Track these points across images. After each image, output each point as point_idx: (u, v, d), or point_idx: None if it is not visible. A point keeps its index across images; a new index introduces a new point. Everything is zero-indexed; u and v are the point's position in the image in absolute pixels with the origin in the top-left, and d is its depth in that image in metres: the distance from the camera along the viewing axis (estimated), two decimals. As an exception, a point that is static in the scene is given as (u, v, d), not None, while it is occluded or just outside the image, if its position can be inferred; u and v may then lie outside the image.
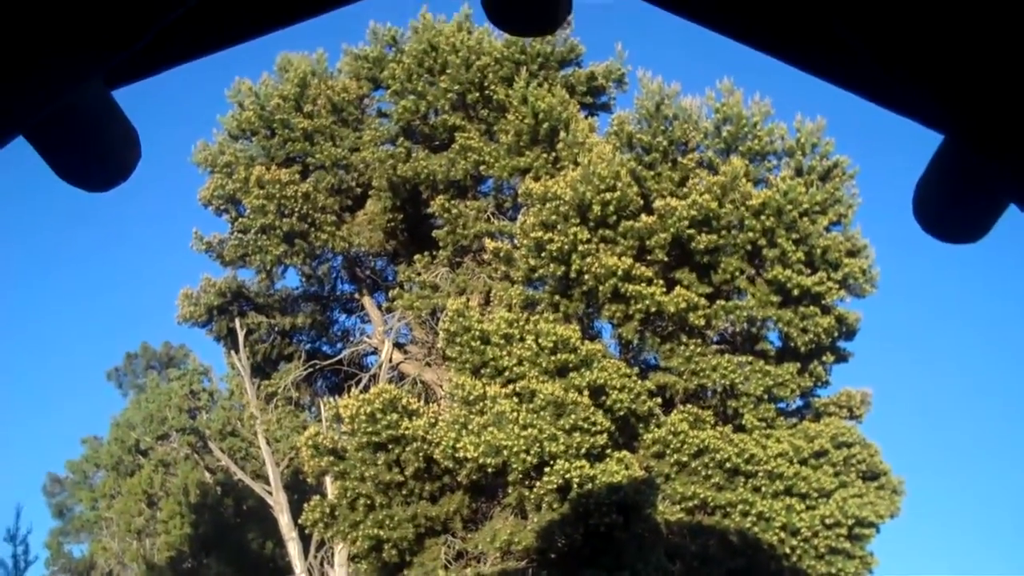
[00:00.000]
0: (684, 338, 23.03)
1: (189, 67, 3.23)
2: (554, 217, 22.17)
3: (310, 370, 28.21)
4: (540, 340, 21.58)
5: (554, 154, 23.83)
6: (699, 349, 23.08)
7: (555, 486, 20.27)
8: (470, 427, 20.54)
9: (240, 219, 26.39)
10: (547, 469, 20.25)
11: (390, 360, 26.74)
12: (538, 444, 20.14)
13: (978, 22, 2.31)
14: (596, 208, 21.99)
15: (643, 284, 22.15)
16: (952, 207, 3.11)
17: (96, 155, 3.02)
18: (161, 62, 3.05)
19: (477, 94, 24.91)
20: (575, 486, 20.29)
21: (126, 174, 3.14)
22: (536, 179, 23.27)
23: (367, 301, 28.36)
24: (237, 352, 27.34)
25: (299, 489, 30.54)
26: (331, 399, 23.14)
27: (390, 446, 20.98)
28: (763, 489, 22.34)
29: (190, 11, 2.52)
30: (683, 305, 22.18)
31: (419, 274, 25.70)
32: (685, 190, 23.06)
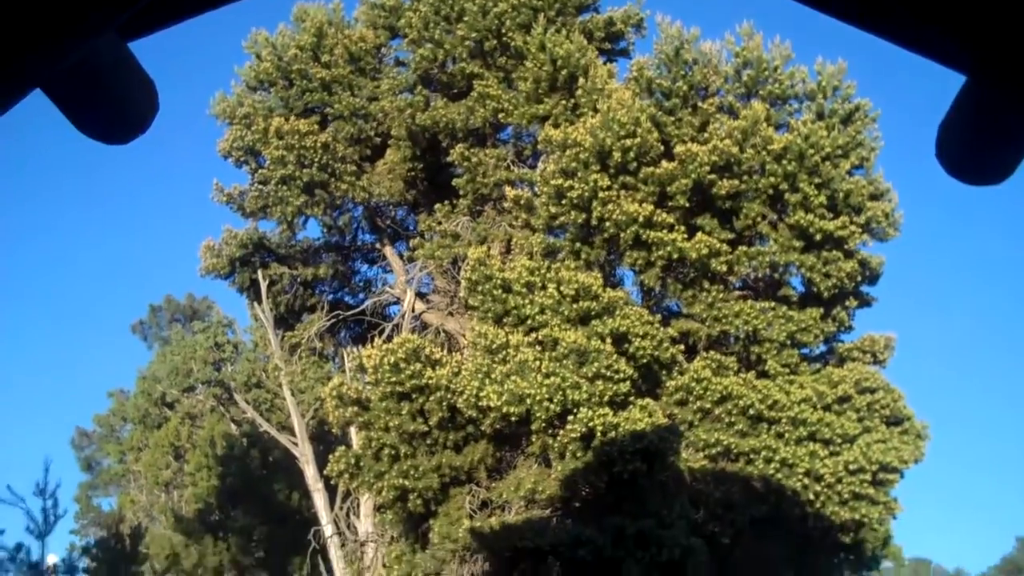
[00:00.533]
0: (706, 284, 23.00)
1: (205, 19, 3.21)
2: (574, 164, 22.10)
3: (333, 321, 28.27)
4: (562, 288, 21.58)
5: (573, 101, 23.71)
6: (721, 295, 23.05)
7: (578, 434, 20.33)
8: (493, 376, 20.59)
9: (260, 170, 26.39)
10: (570, 417, 20.31)
11: (412, 310, 26.79)
12: (561, 392, 20.19)
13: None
14: (616, 155, 21.90)
15: (664, 230, 22.09)
16: (975, 149, 3.09)
17: (114, 108, 3.02)
18: (176, 13, 3.03)
19: (495, 41, 24.77)
20: (598, 434, 20.35)
21: (144, 126, 3.14)
22: (555, 126, 23.17)
23: (388, 251, 28.37)
24: (260, 303, 27.44)
25: (324, 440, 30.77)
26: (354, 349, 23.25)
27: (414, 396, 21.06)
28: (786, 435, 22.39)
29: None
30: (705, 251, 22.14)
31: (440, 223, 25.67)
32: (706, 135, 22.95)
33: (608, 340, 21.09)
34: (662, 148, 22.81)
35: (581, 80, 23.55)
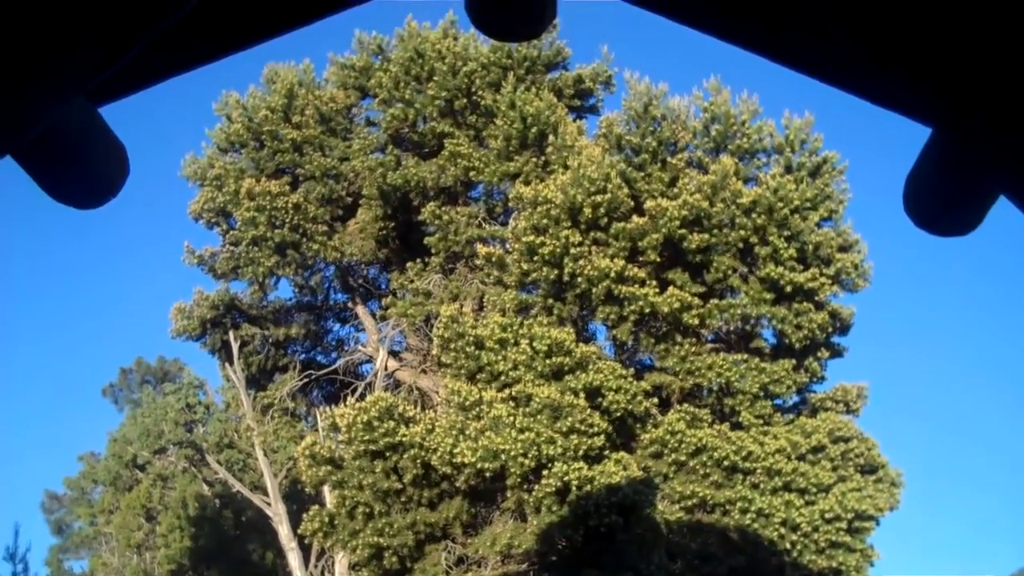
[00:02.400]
0: (679, 338, 23.04)
1: (175, 81, 3.22)
2: (545, 221, 22.18)
3: (305, 380, 28.16)
4: (535, 344, 21.58)
5: (543, 158, 23.85)
6: (694, 348, 23.10)
7: (554, 489, 20.27)
8: (467, 432, 20.54)
9: (231, 232, 26.36)
10: (545, 472, 20.25)
11: (385, 368, 26.71)
12: (535, 447, 20.14)
13: (964, 14, 2.31)
14: (587, 210, 22.00)
15: (636, 285, 22.17)
16: (942, 200, 3.11)
17: (84, 172, 3.02)
18: (146, 77, 3.04)
19: (465, 100, 24.91)
20: (574, 488, 20.29)
21: (115, 190, 3.13)
22: (526, 183, 23.27)
23: (361, 310, 28.33)
24: (232, 364, 27.30)
25: (298, 499, 30.49)
26: (327, 408, 23.13)
27: (387, 453, 20.96)
28: (762, 486, 22.37)
29: (174, 25, 2.51)
30: (677, 305, 22.20)
31: (412, 281, 25.68)
32: (675, 190, 23.08)
33: (582, 395, 21.08)
34: (632, 203, 22.94)
35: (551, 137, 23.70)
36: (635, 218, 22.52)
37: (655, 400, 22.91)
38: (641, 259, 22.55)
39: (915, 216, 3.19)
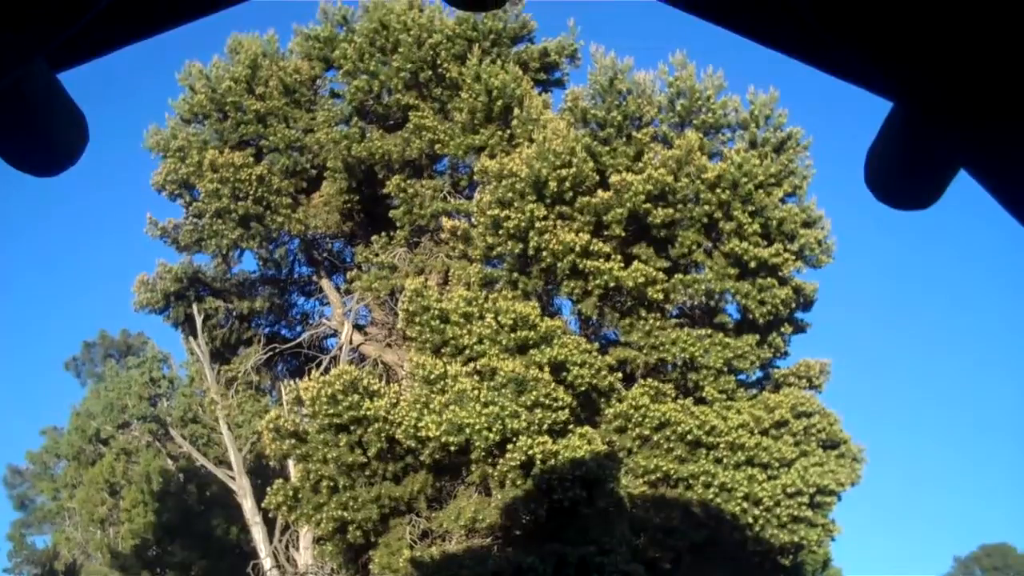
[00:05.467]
0: (643, 312, 23.11)
1: (138, 51, 3.19)
2: (510, 194, 22.16)
3: (270, 354, 28.08)
4: (500, 318, 21.60)
5: (509, 131, 23.80)
6: (658, 323, 23.17)
7: (518, 463, 20.33)
8: (432, 406, 20.55)
9: (194, 203, 26.18)
10: (510, 446, 20.30)
11: (350, 342, 26.67)
12: (500, 421, 20.17)
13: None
14: (552, 184, 21.99)
15: (601, 260, 22.20)
16: (902, 174, 3.13)
17: (42, 138, 2.99)
18: (108, 42, 3.01)
19: (430, 72, 24.81)
20: (538, 462, 20.35)
21: (74, 157, 3.10)
22: (491, 157, 23.24)
23: (325, 283, 28.25)
24: (195, 338, 27.20)
25: (262, 473, 30.46)
26: (291, 382, 23.07)
27: (352, 427, 20.94)
28: (725, 460, 22.51)
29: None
30: (641, 280, 22.26)
31: (377, 255, 25.62)
32: (640, 165, 23.10)
33: (546, 369, 21.12)
34: (597, 178, 22.94)
35: (516, 111, 23.66)
36: (600, 192, 22.53)
37: (619, 375, 23.00)
38: (606, 233, 22.58)
39: (875, 190, 3.20)
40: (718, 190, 22.49)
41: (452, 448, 20.55)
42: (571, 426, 21.29)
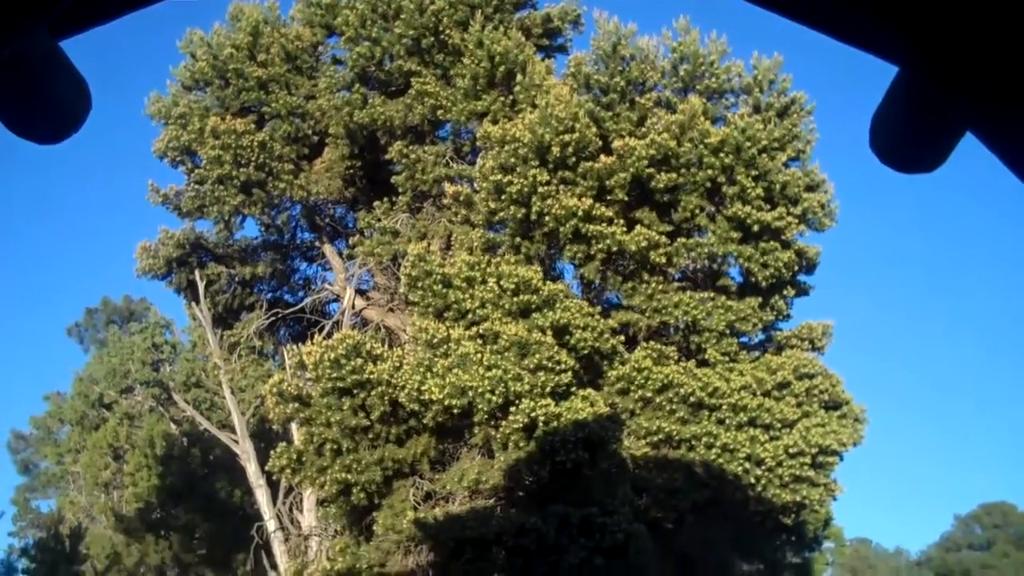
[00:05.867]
0: (646, 276, 23.13)
1: (140, 19, 3.18)
2: (513, 160, 22.13)
3: (272, 319, 28.13)
4: (502, 282, 21.61)
5: (511, 97, 23.74)
6: (661, 287, 23.20)
7: (521, 425, 20.38)
8: (434, 369, 20.59)
9: (196, 170, 26.17)
10: (512, 408, 20.35)
11: (353, 307, 26.71)
12: (503, 384, 20.21)
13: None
14: (555, 150, 21.95)
15: (604, 224, 22.20)
16: (908, 138, 3.12)
17: (45, 106, 2.98)
18: (110, 10, 3.00)
19: (432, 39, 24.71)
20: (541, 424, 20.41)
21: (76, 125, 3.10)
22: (494, 122, 23.19)
23: (328, 249, 28.26)
24: (198, 303, 27.25)
25: (265, 437, 30.60)
26: (294, 347, 23.11)
27: (355, 391, 21.00)
28: (727, 421, 22.58)
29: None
30: (644, 243, 22.27)
31: (379, 220, 25.61)
32: (643, 129, 23.06)
33: (549, 332, 21.15)
34: (600, 143, 22.90)
35: (519, 76, 23.59)
36: (603, 157, 22.50)
37: (622, 338, 23.05)
38: (609, 198, 22.56)
39: (881, 154, 3.19)
40: (721, 154, 22.47)
41: (455, 411, 20.61)
42: (573, 389, 21.34)
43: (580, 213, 21.93)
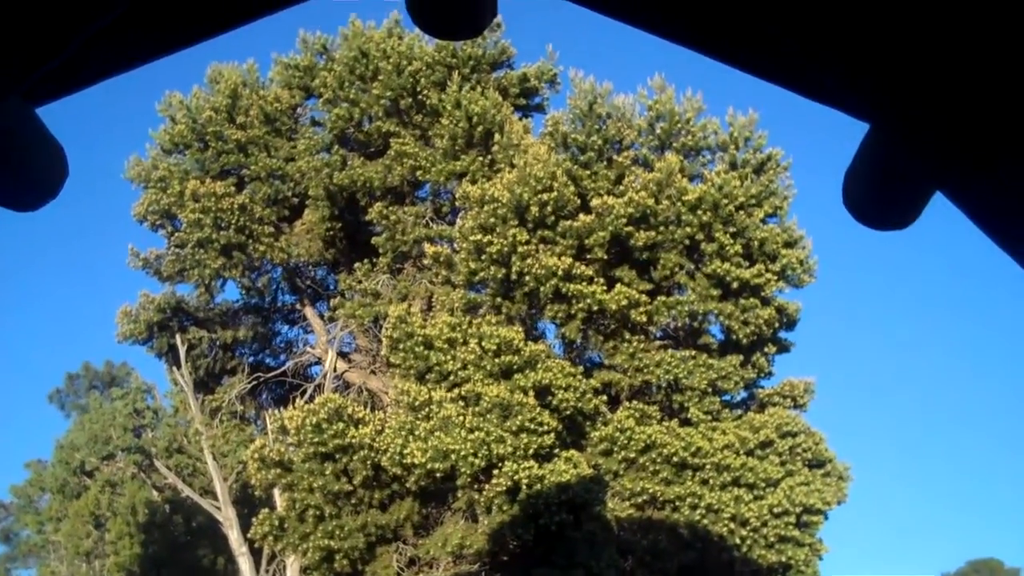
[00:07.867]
0: (627, 335, 23.14)
1: (118, 82, 3.19)
2: (492, 220, 22.19)
3: (254, 383, 28.00)
4: (484, 343, 21.58)
5: (490, 157, 23.87)
6: (642, 345, 23.21)
7: (504, 488, 20.29)
8: (417, 433, 20.52)
9: (176, 234, 26.16)
10: (495, 471, 20.27)
11: (334, 369, 26.61)
12: (485, 447, 20.14)
13: (899, 11, 2.35)
14: (534, 209, 22.03)
15: (584, 283, 22.23)
16: (879, 195, 3.14)
17: (21, 174, 2.98)
18: (86, 77, 3.01)
19: (410, 100, 24.87)
20: (524, 487, 20.32)
21: (53, 192, 3.09)
22: (473, 182, 23.28)
23: (309, 311, 28.21)
24: (179, 368, 27.10)
25: (248, 503, 30.32)
26: (276, 411, 23.01)
27: (337, 455, 20.90)
28: (711, 481, 22.50)
29: (114, 22, 2.49)
30: (624, 302, 22.29)
31: (360, 282, 25.61)
32: (621, 188, 23.18)
33: (531, 393, 21.11)
34: (579, 201, 23.00)
35: (497, 136, 23.73)
36: (582, 216, 22.59)
37: (604, 398, 23.01)
38: (588, 257, 22.62)
39: (854, 211, 3.21)
40: (699, 212, 22.58)
41: (438, 474, 20.52)
42: (557, 450, 21.28)
43: (560, 272, 21.97)
